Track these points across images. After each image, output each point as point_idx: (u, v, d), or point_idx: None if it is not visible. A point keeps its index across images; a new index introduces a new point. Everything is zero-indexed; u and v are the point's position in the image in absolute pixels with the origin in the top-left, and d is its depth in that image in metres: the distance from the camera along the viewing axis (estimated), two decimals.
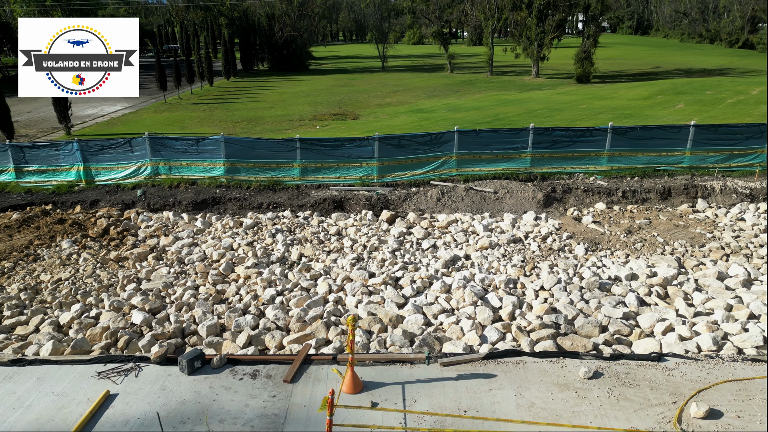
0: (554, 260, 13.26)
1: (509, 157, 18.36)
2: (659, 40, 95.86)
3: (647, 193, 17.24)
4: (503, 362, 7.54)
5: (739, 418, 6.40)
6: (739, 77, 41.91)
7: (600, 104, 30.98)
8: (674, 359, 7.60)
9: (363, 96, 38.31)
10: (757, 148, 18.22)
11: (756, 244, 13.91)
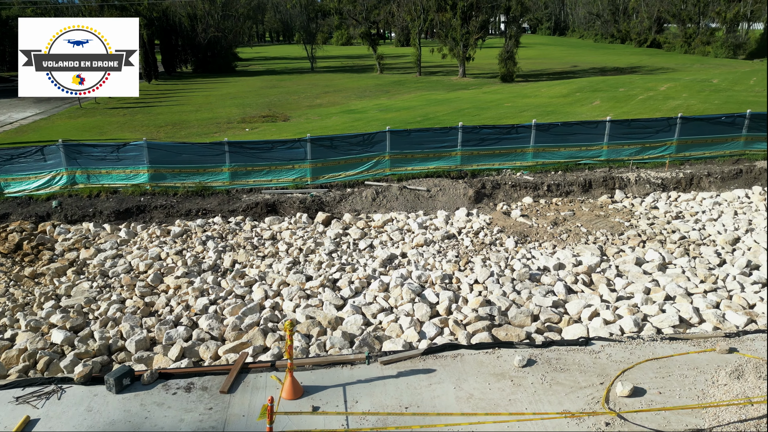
0: (487, 254, 13.64)
1: (440, 155, 18.71)
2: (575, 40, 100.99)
3: (570, 186, 18.10)
4: (442, 356, 7.66)
5: (660, 394, 6.83)
6: (649, 75, 44.83)
7: (524, 102, 32.19)
8: (600, 342, 8.02)
9: (293, 97, 37.83)
10: (666, 140, 19.55)
11: (668, 230, 14.92)
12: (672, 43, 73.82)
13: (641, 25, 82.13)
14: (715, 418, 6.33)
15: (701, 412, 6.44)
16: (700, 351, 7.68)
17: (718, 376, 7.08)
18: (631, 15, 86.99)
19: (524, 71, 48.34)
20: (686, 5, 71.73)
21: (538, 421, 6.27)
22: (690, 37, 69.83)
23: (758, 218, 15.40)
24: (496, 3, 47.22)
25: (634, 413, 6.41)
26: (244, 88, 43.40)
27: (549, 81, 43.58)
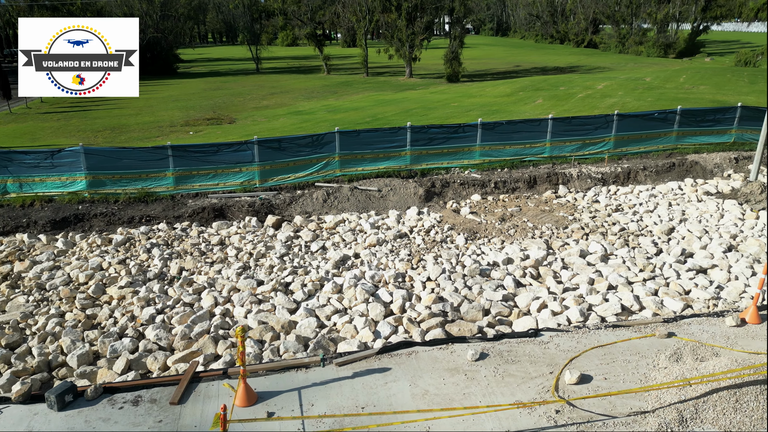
0: (438, 251, 13.82)
1: (390, 155, 18.81)
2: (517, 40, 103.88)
3: (516, 183, 18.58)
4: (397, 355, 7.70)
5: (606, 379, 7.12)
6: (587, 74, 46.63)
7: (470, 102, 32.81)
8: (549, 333, 8.27)
9: (238, 99, 37.12)
10: (604, 137, 20.38)
11: (609, 223, 15.56)
12: (607, 44, 77.08)
13: (578, 26, 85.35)
14: (657, 400, 6.65)
15: (644, 395, 6.75)
16: (641, 337, 8.05)
17: (659, 359, 7.44)
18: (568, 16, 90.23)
19: (469, 71, 49.29)
20: (620, 7, 75.05)
21: (492, 413, 6.40)
22: (624, 38, 73.11)
23: (690, 209, 16.28)
24: (440, 4, 47.91)
25: (582, 400, 6.64)
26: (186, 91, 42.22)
27: (493, 81, 44.62)
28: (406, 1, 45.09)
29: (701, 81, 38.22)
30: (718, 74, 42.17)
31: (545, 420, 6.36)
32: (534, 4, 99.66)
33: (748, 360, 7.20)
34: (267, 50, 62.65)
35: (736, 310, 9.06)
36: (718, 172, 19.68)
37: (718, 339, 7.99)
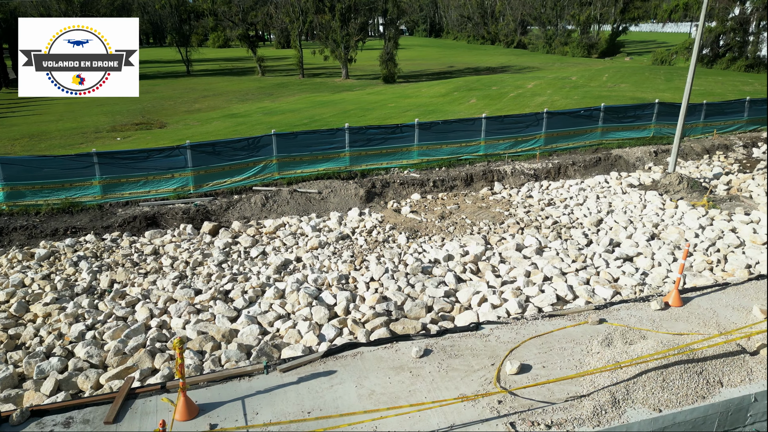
0: (381, 251, 13.88)
1: (329, 157, 18.72)
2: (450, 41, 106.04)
3: (454, 181, 18.96)
4: (342, 357, 7.67)
5: (544, 368, 7.38)
6: (517, 74, 48.24)
7: (406, 102, 33.18)
8: (489, 326, 8.48)
9: (168, 103, 35.82)
10: (535, 134, 21.17)
11: (543, 217, 16.17)
12: (535, 44, 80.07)
13: (508, 27, 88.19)
14: (591, 384, 6.96)
15: (580, 380, 7.05)
16: (576, 324, 8.40)
17: (592, 345, 7.79)
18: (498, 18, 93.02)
19: (405, 72, 49.83)
20: (545, 9, 78.13)
21: (438, 408, 6.49)
22: (550, 39, 76.20)
23: (616, 200, 17.18)
24: (373, 5, 48.15)
25: (522, 389, 6.86)
26: None
27: (429, 81, 45.33)
28: (340, 2, 45.02)
29: (622, 79, 40.43)
30: (637, 73, 44.74)
31: (488, 411, 6.52)
32: (465, 5, 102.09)
33: (673, 341, 7.68)
34: (197, 52, 60.77)
35: (660, 295, 9.63)
36: (640, 165, 20.87)
37: (644, 323, 8.46)
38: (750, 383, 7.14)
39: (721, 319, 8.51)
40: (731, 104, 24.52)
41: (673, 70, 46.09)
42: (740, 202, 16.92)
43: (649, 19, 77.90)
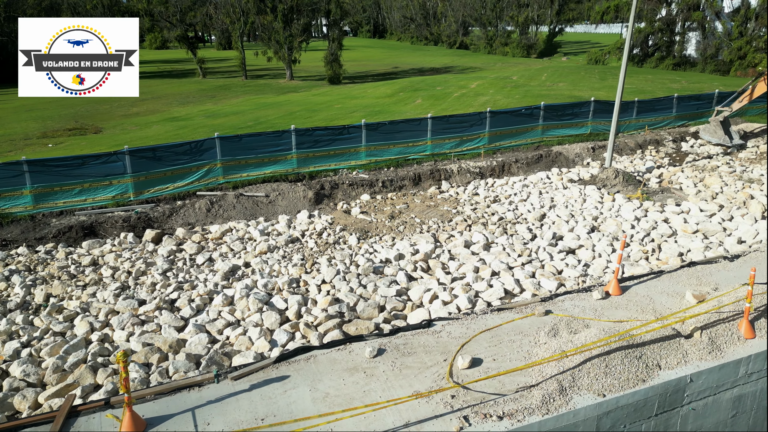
0: (332, 253, 13.82)
1: (276, 159, 18.47)
2: (394, 42, 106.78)
3: (402, 181, 19.12)
4: (295, 361, 7.58)
5: (495, 360, 7.56)
6: (461, 74, 49.14)
7: (352, 103, 33.16)
8: (441, 322, 8.59)
9: (104, 107, 34.36)
10: (480, 133, 21.63)
11: (489, 213, 16.54)
12: (477, 45, 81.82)
13: (450, 28, 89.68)
14: (540, 374, 7.18)
15: (529, 370, 7.26)
16: (523, 317, 8.64)
17: (539, 336, 8.04)
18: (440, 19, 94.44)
19: (350, 73, 49.80)
20: (485, 10, 79.97)
21: (392, 407, 6.53)
22: (491, 39, 78.05)
23: (557, 196, 17.79)
24: (316, 6, 47.86)
25: (474, 383, 6.99)
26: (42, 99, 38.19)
27: (374, 82, 45.49)
28: (282, 2, 44.48)
29: (560, 78, 41.92)
30: (573, 72, 46.50)
31: (442, 406, 6.61)
32: (407, 7, 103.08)
33: (614, 328, 8.02)
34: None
35: (601, 284, 10.05)
36: (579, 161, 21.70)
37: (587, 312, 8.80)
38: (686, 365, 7.56)
39: (657, 306, 8.96)
40: (661, 101, 25.87)
41: (607, 70, 48.19)
42: (671, 193, 17.89)
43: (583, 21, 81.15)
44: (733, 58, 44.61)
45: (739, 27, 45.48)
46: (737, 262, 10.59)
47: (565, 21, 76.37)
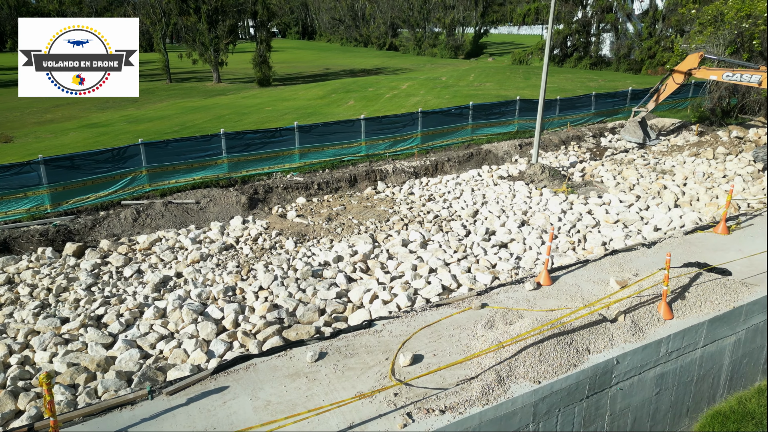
0: (268, 259, 13.57)
1: (206, 164, 17.91)
2: (324, 44, 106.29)
3: (338, 183, 19.06)
4: (234, 371, 7.38)
5: (435, 356, 7.69)
6: (391, 75, 49.62)
7: (284, 105, 32.72)
8: (382, 322, 8.64)
9: (14, 114, 32.05)
10: (412, 133, 21.93)
11: (424, 212, 16.81)
12: (406, 46, 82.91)
13: (379, 29, 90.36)
14: (478, 366, 7.38)
15: (468, 363, 7.43)
16: (461, 311, 8.85)
17: (476, 329, 8.26)
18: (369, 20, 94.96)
19: (280, 75, 49.10)
20: (413, 12, 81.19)
21: (336, 409, 6.49)
22: (420, 41, 79.33)
23: (489, 192, 18.34)
24: (241, 7, 46.83)
25: (416, 379, 7.08)
26: None
27: (305, 84, 45.09)
28: (205, 3, 43.18)
29: (487, 78, 43.24)
30: (499, 72, 48.09)
31: (386, 405, 6.65)
32: (336, 8, 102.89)
33: (546, 317, 8.37)
34: None
35: (533, 276, 10.44)
36: (507, 158, 22.47)
37: (521, 303, 9.13)
38: (612, 348, 8.00)
39: (584, 293, 9.43)
40: (580, 99, 27.24)
41: (530, 69, 50.19)
42: (593, 186, 18.89)
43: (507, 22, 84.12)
44: (644, 58, 47.67)
45: (648, 28, 48.67)
46: (654, 248, 11.33)
47: (490, 23, 78.83)
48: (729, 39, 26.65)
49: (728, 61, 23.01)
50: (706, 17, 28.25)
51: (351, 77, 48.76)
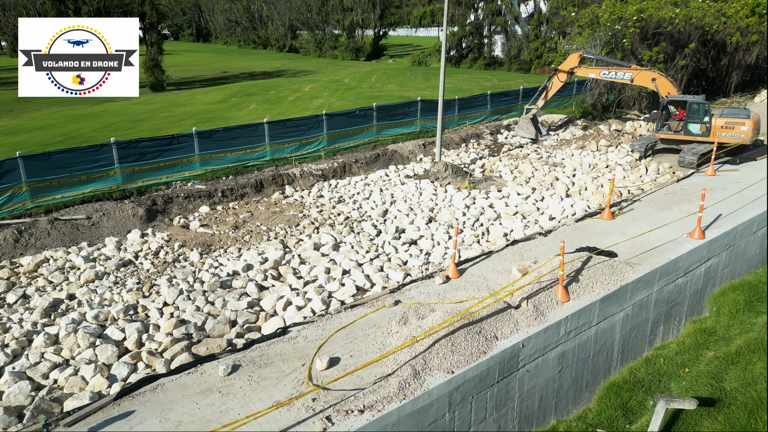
0: (172, 273, 12.92)
1: (96, 176, 16.70)
2: (220, 46, 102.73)
3: (244, 189, 18.54)
4: (140, 394, 6.96)
5: (352, 357, 7.72)
6: (293, 77, 49.01)
7: (181, 111, 31.27)
8: (296, 328, 8.54)
9: None
10: (318, 135, 21.82)
11: (335, 214, 16.79)
12: (307, 48, 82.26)
13: (278, 31, 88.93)
14: (394, 362, 7.51)
15: (384, 361, 7.54)
16: (375, 310, 8.96)
17: (391, 326, 8.40)
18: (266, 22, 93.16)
19: (175, 79, 46.84)
20: (311, 14, 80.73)
21: (253, 421, 6.33)
22: (320, 43, 79.06)
23: (397, 191, 18.69)
24: (127, 8, 44.15)
25: (334, 382, 7.08)
26: None
27: (203, 87, 43.34)
28: (86, 4, 40.24)
29: (388, 80, 43.99)
30: (400, 73, 49.10)
31: (304, 411, 6.58)
32: (231, 10, 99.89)
33: (456, 309, 8.69)
34: None
35: (442, 270, 10.79)
36: (412, 158, 23.02)
37: (432, 297, 9.41)
38: (517, 333, 8.47)
39: (490, 283, 9.90)
40: (477, 98, 28.51)
41: (429, 70, 51.72)
42: (493, 181, 19.85)
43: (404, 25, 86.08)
44: (532, 58, 50.78)
45: (534, 30, 51.91)
46: (550, 236, 12.13)
47: (388, 25, 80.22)
48: (604, 40, 29.13)
49: (605, 60, 25.14)
50: (584, 20, 30.70)
51: (251, 80, 47.58)
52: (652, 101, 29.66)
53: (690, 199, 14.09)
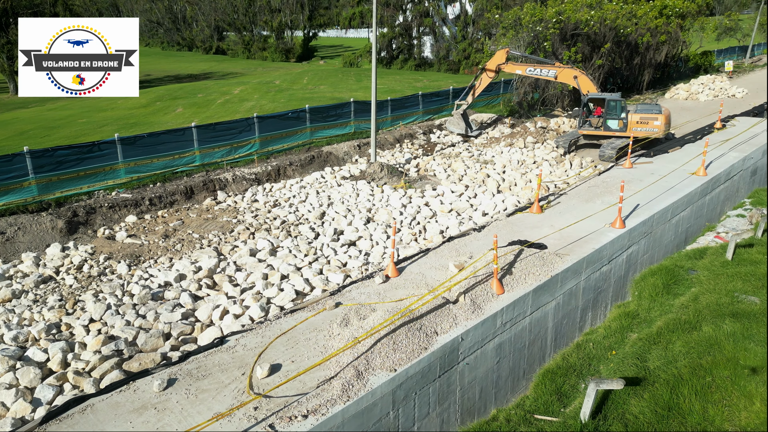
0: (98, 287, 12.26)
1: (7, 188, 15.59)
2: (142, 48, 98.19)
3: (173, 196, 17.86)
4: (68, 416, 6.55)
5: (294, 362, 7.61)
6: (221, 80, 47.71)
7: (101, 116, 29.72)
8: (234, 337, 8.32)
9: None
10: (250, 139, 21.37)
11: (271, 218, 16.51)
12: (234, 50, 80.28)
13: (203, 33, 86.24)
14: (337, 364, 7.47)
15: (327, 364, 7.49)
16: (316, 314, 8.88)
17: (332, 329, 8.36)
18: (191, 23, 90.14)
19: None
20: (238, 15, 78.90)
21: None
22: (248, 44, 77.40)
23: (334, 193, 18.62)
24: (38, 9, 41.44)
25: (276, 389, 6.95)
26: None
27: None
28: None
29: (320, 81, 43.73)
30: (332, 75, 48.93)
31: (246, 421, 6.43)
32: (152, 10, 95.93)
33: (396, 307, 8.76)
34: None
35: (381, 270, 10.86)
36: (348, 159, 23.01)
37: (372, 297, 9.45)
38: (456, 327, 8.66)
39: (428, 280, 10.06)
40: (409, 99, 28.88)
41: (361, 72, 51.87)
42: (428, 180, 20.18)
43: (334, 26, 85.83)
44: (461, 58, 52.02)
45: (461, 31, 53.21)
46: (484, 231, 12.48)
47: (318, 26, 79.74)
48: (527, 40, 30.33)
49: (530, 58, 26.17)
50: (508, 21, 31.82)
51: (177, 83, 45.87)
52: (574, 99, 31.18)
53: (611, 191, 14.93)
